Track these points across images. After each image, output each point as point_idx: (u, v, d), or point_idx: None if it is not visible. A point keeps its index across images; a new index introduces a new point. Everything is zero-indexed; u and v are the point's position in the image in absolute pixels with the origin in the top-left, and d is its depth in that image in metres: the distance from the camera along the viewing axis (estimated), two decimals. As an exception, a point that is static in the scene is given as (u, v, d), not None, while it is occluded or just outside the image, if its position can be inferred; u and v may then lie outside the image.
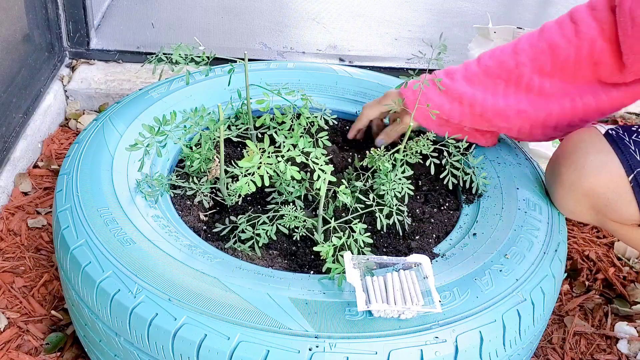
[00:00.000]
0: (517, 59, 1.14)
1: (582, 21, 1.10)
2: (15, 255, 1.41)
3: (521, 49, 1.14)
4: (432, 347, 0.87)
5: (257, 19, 2.30)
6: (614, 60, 1.08)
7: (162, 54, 1.16)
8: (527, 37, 1.15)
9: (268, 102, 1.13)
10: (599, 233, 1.62)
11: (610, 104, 1.14)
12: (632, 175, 1.04)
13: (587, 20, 1.09)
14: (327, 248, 0.95)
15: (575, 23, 1.10)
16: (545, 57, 1.12)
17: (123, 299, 0.91)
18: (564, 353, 1.32)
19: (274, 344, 0.85)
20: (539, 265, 1.01)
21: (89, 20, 1.95)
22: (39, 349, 1.23)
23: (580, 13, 1.11)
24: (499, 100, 1.16)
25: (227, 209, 1.15)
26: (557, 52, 1.11)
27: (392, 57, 2.09)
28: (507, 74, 1.14)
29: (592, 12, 1.09)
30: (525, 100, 1.15)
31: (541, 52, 1.12)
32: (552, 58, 1.11)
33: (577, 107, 1.14)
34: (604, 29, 1.07)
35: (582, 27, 1.09)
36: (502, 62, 1.15)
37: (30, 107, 1.70)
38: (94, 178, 1.09)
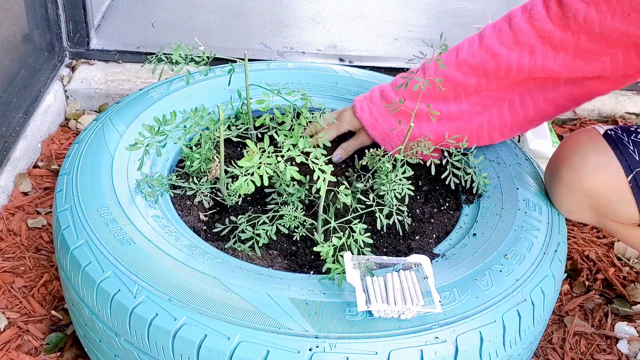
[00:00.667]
0: (461, 71, 1.14)
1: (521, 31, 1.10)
2: (15, 255, 1.41)
3: (463, 61, 1.14)
4: (432, 347, 0.87)
5: (257, 19, 2.29)
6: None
7: (162, 54, 1.16)
8: (469, 45, 1.15)
9: (268, 102, 1.13)
10: (599, 233, 1.62)
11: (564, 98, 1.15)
12: (631, 176, 1.04)
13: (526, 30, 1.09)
14: (327, 248, 0.95)
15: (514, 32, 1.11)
16: (489, 66, 1.12)
17: (123, 299, 0.91)
18: (564, 353, 1.32)
19: (274, 344, 0.85)
20: (539, 266, 1.01)
21: (89, 20, 1.95)
22: (39, 349, 1.23)
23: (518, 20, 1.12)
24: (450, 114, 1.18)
25: (227, 209, 1.15)
26: (499, 61, 1.11)
27: (392, 57, 2.09)
28: (455, 86, 1.15)
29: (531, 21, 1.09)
30: (472, 107, 1.17)
31: (484, 62, 1.12)
32: (495, 66, 1.12)
33: (526, 105, 1.16)
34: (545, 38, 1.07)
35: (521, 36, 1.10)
36: (447, 75, 1.14)
37: (30, 107, 1.70)
38: (94, 178, 1.09)
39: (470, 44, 1.14)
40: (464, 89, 1.15)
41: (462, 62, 1.13)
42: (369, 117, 1.23)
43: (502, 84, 1.14)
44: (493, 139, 1.21)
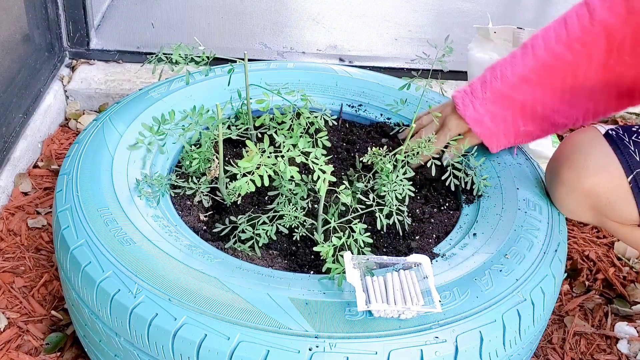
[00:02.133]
0: (572, 50, 1.07)
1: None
2: (15, 255, 1.41)
3: (576, 38, 1.06)
4: (432, 347, 0.87)
5: (257, 19, 2.30)
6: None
7: (162, 54, 1.16)
8: (577, 19, 1.08)
9: (268, 102, 1.13)
10: (599, 233, 1.62)
11: None
12: (631, 176, 1.04)
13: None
14: (327, 248, 0.95)
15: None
16: (601, 40, 1.06)
17: (123, 299, 0.91)
18: (564, 353, 1.32)
19: (274, 344, 0.85)
20: (539, 265, 1.01)
21: (89, 20, 1.95)
22: (39, 349, 1.23)
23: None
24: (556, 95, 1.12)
25: (227, 209, 1.15)
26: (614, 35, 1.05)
27: (392, 57, 2.09)
28: (564, 67, 1.09)
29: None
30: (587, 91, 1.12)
31: (595, 35, 1.06)
32: (608, 41, 1.05)
33: None
34: None
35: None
36: (558, 54, 1.08)
37: (30, 107, 1.70)
38: (94, 178, 1.09)
39: (579, 17, 1.08)
40: (573, 71, 1.09)
41: (574, 39, 1.07)
42: (473, 113, 1.16)
43: (611, 63, 1.08)
44: (583, 124, 1.16)
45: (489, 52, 1.40)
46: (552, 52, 1.08)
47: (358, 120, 1.43)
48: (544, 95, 1.12)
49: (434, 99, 1.40)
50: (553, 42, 1.09)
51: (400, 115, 1.38)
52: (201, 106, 1.10)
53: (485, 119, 1.16)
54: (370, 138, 1.37)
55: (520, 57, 1.12)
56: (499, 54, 1.39)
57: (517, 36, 1.35)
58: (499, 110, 1.15)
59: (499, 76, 1.13)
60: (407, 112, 1.37)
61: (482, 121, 1.16)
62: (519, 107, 1.14)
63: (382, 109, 1.41)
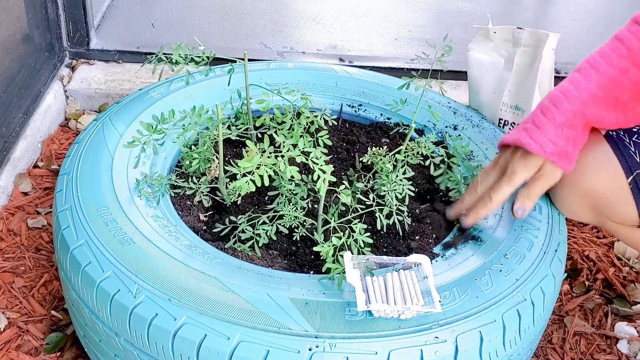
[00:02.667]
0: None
1: None
2: (15, 255, 1.41)
3: None
4: (432, 347, 0.87)
5: (257, 19, 2.30)
6: None
7: (162, 54, 1.16)
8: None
9: (268, 102, 1.13)
10: (599, 233, 1.62)
11: None
12: (631, 177, 1.04)
13: None
14: (327, 248, 0.95)
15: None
16: None
17: (123, 299, 0.91)
18: (564, 353, 1.32)
19: (274, 344, 0.85)
20: (539, 265, 1.01)
21: (89, 20, 1.95)
22: (39, 349, 1.23)
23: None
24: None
25: (227, 209, 1.15)
26: None
27: (392, 57, 2.09)
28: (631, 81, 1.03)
29: None
30: None
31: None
32: None
33: None
34: None
35: None
36: (622, 69, 1.02)
37: (30, 107, 1.70)
38: (94, 178, 1.09)
39: (635, 34, 1.02)
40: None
41: (637, 54, 1.01)
42: (552, 146, 1.00)
43: None
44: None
45: (489, 52, 1.39)
46: (618, 68, 1.02)
47: (358, 120, 1.43)
48: (613, 112, 1.05)
49: (433, 99, 1.40)
50: (615, 58, 1.02)
51: (400, 115, 1.38)
52: (201, 106, 1.10)
53: (568, 148, 1.02)
54: (370, 138, 1.37)
55: (582, 77, 1.02)
56: (499, 54, 1.39)
57: (517, 36, 1.35)
58: (576, 133, 1.02)
59: (564, 98, 1.01)
60: (407, 112, 1.37)
61: (566, 152, 1.01)
62: (589, 126, 1.05)
63: (382, 109, 1.41)
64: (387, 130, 1.38)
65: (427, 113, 1.34)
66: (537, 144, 1.00)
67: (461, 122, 1.35)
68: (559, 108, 1.01)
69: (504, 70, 1.38)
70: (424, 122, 1.36)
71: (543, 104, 1.03)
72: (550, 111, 1.01)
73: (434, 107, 1.37)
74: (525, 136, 1.01)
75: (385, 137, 1.37)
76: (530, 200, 1.03)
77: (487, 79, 1.41)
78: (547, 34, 1.30)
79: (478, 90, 1.42)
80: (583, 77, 1.03)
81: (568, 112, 1.01)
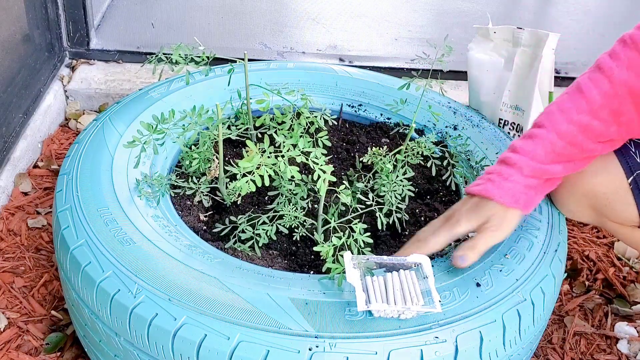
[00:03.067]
0: (599, 118, 0.99)
1: None
2: (15, 255, 1.41)
3: (600, 106, 0.99)
4: (432, 347, 0.87)
5: (257, 19, 2.30)
6: None
7: (162, 54, 1.16)
8: (594, 86, 1.00)
9: (268, 102, 1.13)
10: (599, 233, 1.62)
11: None
12: (631, 178, 1.04)
13: None
14: (327, 248, 0.95)
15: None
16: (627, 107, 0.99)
17: (123, 299, 0.91)
18: (564, 353, 1.32)
19: (274, 344, 0.85)
20: (539, 265, 1.01)
21: (89, 20, 1.95)
22: (39, 349, 1.23)
23: None
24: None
25: (227, 209, 1.15)
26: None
27: (392, 57, 2.09)
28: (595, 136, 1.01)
29: None
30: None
31: (622, 102, 0.99)
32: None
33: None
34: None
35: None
36: (585, 125, 1.00)
37: (30, 107, 1.70)
38: (94, 178, 1.09)
39: (596, 84, 1.00)
40: (604, 136, 1.01)
41: (597, 107, 0.99)
42: (516, 195, 1.00)
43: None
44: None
45: (489, 52, 1.39)
46: (578, 124, 1.00)
47: (358, 120, 1.43)
48: (578, 166, 1.04)
49: (433, 99, 1.41)
50: (575, 114, 1.00)
51: (400, 115, 1.38)
52: (201, 106, 1.10)
53: (536, 198, 1.03)
54: (370, 138, 1.37)
55: (541, 138, 1.01)
56: (499, 54, 1.39)
57: (517, 36, 1.35)
58: (539, 182, 1.02)
59: (522, 163, 1.00)
60: (407, 112, 1.37)
61: (532, 201, 1.02)
62: (549, 182, 1.04)
63: (382, 109, 1.41)
64: (387, 130, 1.38)
65: (427, 113, 1.34)
66: (509, 196, 0.99)
67: (461, 122, 1.35)
68: (522, 164, 1.00)
69: (504, 70, 1.39)
70: (424, 122, 1.36)
71: (507, 156, 1.02)
72: (516, 164, 1.00)
73: (434, 107, 1.37)
74: (492, 187, 0.99)
75: (385, 137, 1.37)
76: (473, 254, 0.98)
77: (487, 79, 1.41)
78: (547, 34, 1.30)
79: (478, 90, 1.42)
80: (541, 138, 1.01)
81: (529, 168, 1.00)
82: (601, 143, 1.02)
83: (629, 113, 0.99)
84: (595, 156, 1.04)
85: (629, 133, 1.02)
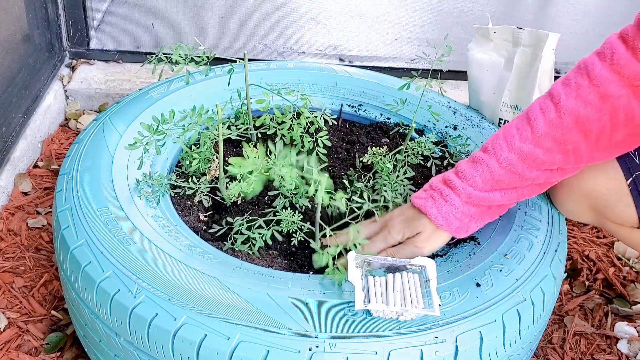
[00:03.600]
0: (542, 147, 0.98)
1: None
2: (15, 255, 1.41)
3: (543, 134, 0.97)
4: (432, 347, 0.87)
5: (257, 19, 2.30)
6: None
7: (162, 54, 1.16)
8: (542, 113, 0.98)
9: (268, 102, 1.13)
10: (599, 233, 1.62)
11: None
12: (630, 179, 1.04)
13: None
14: (325, 256, 0.94)
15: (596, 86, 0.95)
16: (574, 137, 0.97)
17: (123, 299, 0.91)
18: (564, 353, 1.32)
19: (274, 344, 0.85)
20: (539, 265, 1.01)
21: (89, 20, 1.95)
22: (39, 349, 1.23)
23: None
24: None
25: (227, 209, 1.15)
26: (588, 127, 0.96)
27: (392, 57, 2.09)
28: (537, 165, 1.00)
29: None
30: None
31: (568, 133, 0.97)
32: (584, 133, 0.97)
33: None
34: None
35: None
36: (526, 153, 0.99)
37: (30, 107, 1.70)
38: (94, 178, 1.09)
39: (544, 111, 0.98)
40: (549, 165, 1.00)
41: (541, 136, 0.97)
42: (454, 221, 1.01)
43: (596, 146, 0.98)
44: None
45: (489, 52, 1.39)
46: (519, 152, 0.99)
47: (358, 120, 1.43)
48: (523, 194, 1.04)
49: (433, 99, 1.41)
50: (517, 141, 0.99)
51: (400, 115, 1.38)
52: (201, 106, 1.10)
53: (471, 225, 1.04)
54: (370, 138, 1.37)
55: (481, 164, 1.01)
56: (499, 54, 1.39)
57: (517, 36, 1.35)
58: (481, 210, 1.03)
59: (461, 190, 1.01)
60: (407, 112, 1.37)
61: (467, 227, 1.04)
62: (490, 209, 1.04)
63: (382, 109, 1.41)
64: (387, 130, 1.38)
65: (427, 113, 1.34)
66: (443, 218, 1.01)
67: (461, 122, 1.35)
68: (455, 198, 1.01)
69: (504, 70, 1.39)
70: (424, 122, 1.36)
71: (449, 178, 1.02)
72: (448, 197, 1.01)
73: (434, 107, 1.37)
74: (431, 206, 1.02)
75: (385, 137, 1.37)
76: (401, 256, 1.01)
77: (487, 79, 1.41)
78: (547, 34, 1.30)
79: (478, 90, 1.42)
80: (482, 165, 1.01)
81: (466, 194, 1.01)
82: (548, 171, 1.00)
83: (575, 142, 0.97)
84: (548, 183, 1.03)
85: (577, 162, 1.00)
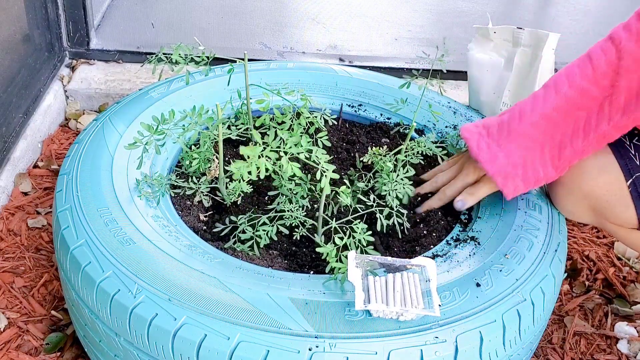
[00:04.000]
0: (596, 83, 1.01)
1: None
2: (15, 255, 1.41)
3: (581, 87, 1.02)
4: (432, 347, 0.87)
5: (257, 19, 2.30)
6: None
7: (162, 54, 1.16)
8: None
9: (268, 102, 1.13)
10: (599, 233, 1.62)
11: None
12: (630, 180, 1.04)
13: None
14: (329, 249, 0.95)
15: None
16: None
17: (123, 299, 0.91)
18: (564, 353, 1.32)
19: (274, 344, 0.85)
20: (539, 265, 1.01)
21: (89, 20, 1.95)
22: (39, 349, 1.23)
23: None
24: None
25: (227, 209, 1.15)
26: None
27: (392, 57, 2.09)
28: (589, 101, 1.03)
29: None
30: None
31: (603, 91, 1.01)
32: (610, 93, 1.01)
33: None
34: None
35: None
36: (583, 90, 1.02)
37: (30, 107, 1.70)
38: (94, 178, 1.09)
39: (605, 52, 1.02)
40: (600, 105, 1.02)
41: (600, 74, 1.01)
42: (487, 155, 1.06)
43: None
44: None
45: (489, 52, 1.40)
46: (578, 88, 1.02)
47: (358, 120, 1.43)
48: (568, 134, 1.05)
49: (433, 99, 1.41)
50: (578, 78, 1.03)
51: (400, 115, 1.38)
52: (201, 106, 1.10)
53: (500, 159, 1.07)
54: (370, 138, 1.37)
55: (542, 96, 1.05)
56: (499, 54, 1.39)
57: (517, 36, 1.35)
58: (517, 150, 1.06)
59: (518, 115, 1.06)
60: (407, 112, 1.37)
61: (496, 161, 1.06)
62: (539, 148, 1.06)
63: (382, 108, 1.41)
64: (387, 130, 1.38)
65: (427, 113, 1.34)
66: (479, 150, 1.07)
67: (461, 122, 1.35)
68: (509, 126, 1.06)
69: (504, 70, 1.39)
70: (424, 122, 1.36)
71: (503, 116, 1.07)
72: (502, 125, 1.07)
73: (434, 107, 1.37)
74: (475, 141, 1.08)
75: (385, 137, 1.37)
76: (472, 198, 1.12)
77: (487, 79, 1.41)
78: (547, 34, 1.30)
79: (478, 90, 1.43)
80: (543, 96, 1.05)
81: (515, 131, 1.05)
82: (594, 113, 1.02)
83: (628, 79, 0.99)
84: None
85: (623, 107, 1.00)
